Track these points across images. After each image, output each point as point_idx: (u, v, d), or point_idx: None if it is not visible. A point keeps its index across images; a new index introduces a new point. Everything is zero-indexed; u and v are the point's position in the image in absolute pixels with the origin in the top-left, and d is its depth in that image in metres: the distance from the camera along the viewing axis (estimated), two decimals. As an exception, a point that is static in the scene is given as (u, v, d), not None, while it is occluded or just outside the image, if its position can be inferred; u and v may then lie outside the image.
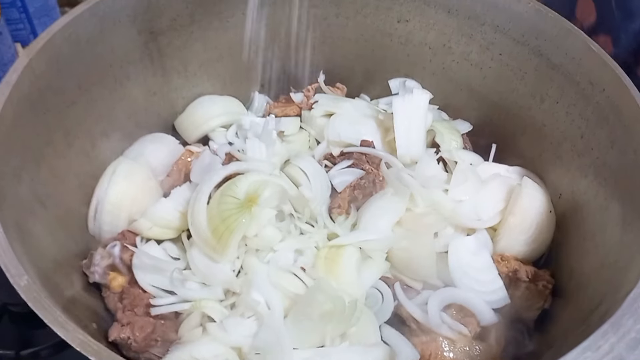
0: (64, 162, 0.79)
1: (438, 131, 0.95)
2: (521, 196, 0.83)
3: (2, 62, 1.21)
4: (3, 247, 0.54)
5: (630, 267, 0.59)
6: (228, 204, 0.76)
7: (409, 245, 0.80)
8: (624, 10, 0.88)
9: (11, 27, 1.28)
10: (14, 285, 0.52)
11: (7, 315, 0.97)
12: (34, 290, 0.52)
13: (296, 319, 0.70)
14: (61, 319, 0.51)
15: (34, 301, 0.51)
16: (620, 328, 0.50)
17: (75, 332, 0.50)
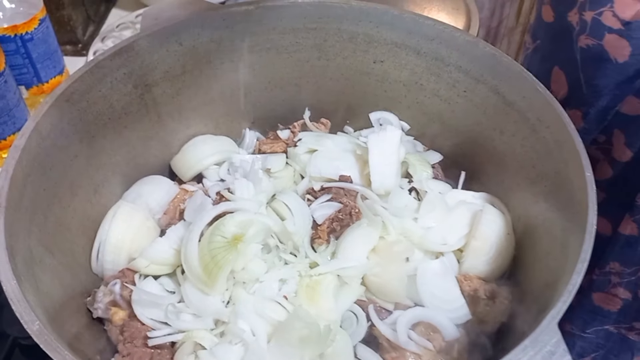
0: (69, 211, 0.89)
1: (411, 163, 1.03)
2: (481, 222, 0.91)
3: (7, 107, 1.32)
4: (17, 298, 0.63)
5: (558, 288, 0.67)
6: (217, 242, 0.85)
7: (382, 271, 0.89)
8: (592, 88, 0.94)
9: (15, 72, 1.38)
10: (27, 330, 0.61)
11: (18, 348, 1.07)
12: (45, 334, 0.61)
13: (278, 344, 0.79)
14: (69, 358, 0.60)
15: (45, 343, 0.60)
16: (538, 343, 0.58)
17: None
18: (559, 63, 1.03)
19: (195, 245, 0.86)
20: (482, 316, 0.86)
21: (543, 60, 1.10)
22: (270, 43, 1.11)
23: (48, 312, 0.70)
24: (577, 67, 0.95)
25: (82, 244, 0.92)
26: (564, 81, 1.01)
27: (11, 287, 0.64)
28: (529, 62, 1.21)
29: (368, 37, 1.10)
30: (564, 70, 1.01)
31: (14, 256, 0.68)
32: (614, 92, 0.90)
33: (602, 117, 0.94)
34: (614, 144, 0.92)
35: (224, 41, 1.07)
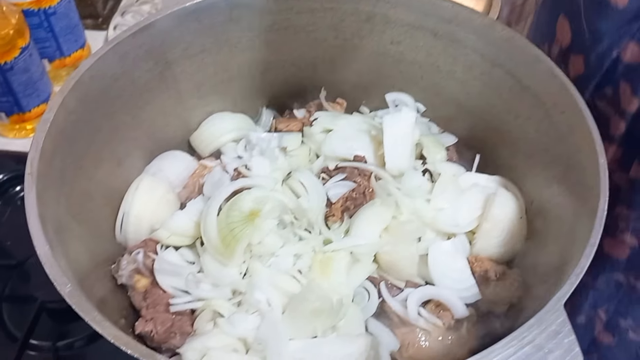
0: (94, 182, 0.92)
1: (425, 145, 1.05)
2: (494, 204, 0.93)
3: (32, 80, 1.36)
4: (50, 263, 0.67)
5: (567, 270, 0.69)
6: (234, 217, 0.88)
7: (394, 249, 0.91)
8: (594, 32, 0.95)
9: (39, 46, 1.41)
10: (60, 292, 0.65)
11: (45, 312, 1.12)
12: (76, 296, 0.65)
13: (291, 315, 0.82)
14: (98, 318, 0.64)
15: (77, 305, 0.64)
16: (543, 322, 0.61)
17: (110, 328, 0.63)
18: (563, 11, 1.04)
19: (214, 218, 0.89)
20: (492, 296, 0.89)
21: (550, 10, 1.11)
22: (287, 22, 1.12)
23: (77, 277, 0.74)
24: (580, 14, 0.96)
25: (106, 214, 0.96)
26: (568, 29, 1.02)
27: (44, 252, 0.68)
28: (539, 15, 1.21)
29: (385, 18, 1.10)
30: (568, 17, 1.02)
31: (45, 223, 0.72)
32: (614, 36, 0.91)
33: (602, 62, 0.95)
34: (622, 95, 0.93)
35: (242, 20, 1.08)
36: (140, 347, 0.61)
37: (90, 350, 1.11)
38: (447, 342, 0.85)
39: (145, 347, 0.61)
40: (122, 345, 0.61)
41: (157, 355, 0.60)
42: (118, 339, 0.61)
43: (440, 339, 0.85)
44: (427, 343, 0.85)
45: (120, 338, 0.61)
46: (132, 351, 0.60)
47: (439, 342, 0.85)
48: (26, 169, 0.74)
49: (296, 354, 0.79)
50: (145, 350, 0.60)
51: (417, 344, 0.84)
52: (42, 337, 1.11)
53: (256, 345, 0.81)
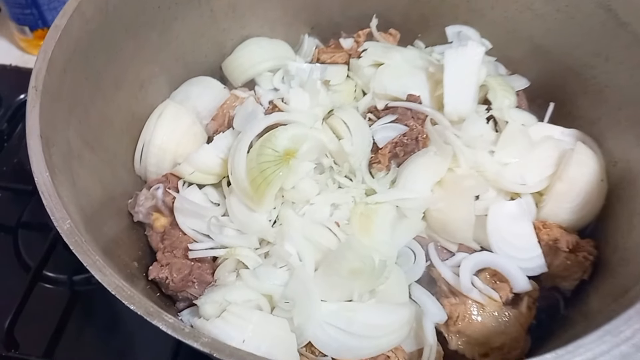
0: (113, 105, 0.82)
1: (491, 87, 0.90)
2: (571, 162, 0.79)
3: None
4: (49, 192, 0.57)
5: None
6: (267, 155, 0.77)
7: (447, 207, 0.79)
8: None
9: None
10: (57, 228, 0.56)
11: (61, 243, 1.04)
12: (75, 234, 0.55)
13: (325, 273, 0.72)
14: (99, 263, 0.54)
15: (75, 245, 0.55)
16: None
17: (111, 276, 0.53)
18: None
19: (244, 156, 0.78)
20: (560, 270, 0.76)
21: None
22: None
23: (84, 211, 0.65)
24: None
25: (125, 142, 0.86)
26: None
27: (43, 179, 0.58)
28: None
29: None
30: None
31: (50, 147, 0.62)
32: None
33: None
34: None
35: None
36: (146, 303, 0.51)
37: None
38: (503, 318, 0.73)
39: (151, 303, 0.51)
40: (125, 299, 0.51)
41: (164, 314, 0.50)
42: (120, 292, 0.52)
43: (496, 314, 0.74)
44: (479, 318, 0.74)
45: (123, 290, 0.52)
46: (136, 307, 0.50)
47: (494, 317, 0.73)
48: (30, 82, 0.63)
49: (328, 317, 0.69)
50: (152, 307, 0.51)
51: (468, 318, 0.73)
52: (57, 269, 1.04)
53: (283, 304, 0.72)
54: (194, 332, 0.49)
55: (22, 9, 1.24)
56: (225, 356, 0.47)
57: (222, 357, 0.47)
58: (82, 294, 1.03)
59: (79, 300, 1.02)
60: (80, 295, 1.03)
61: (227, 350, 0.48)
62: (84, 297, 1.03)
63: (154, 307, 0.50)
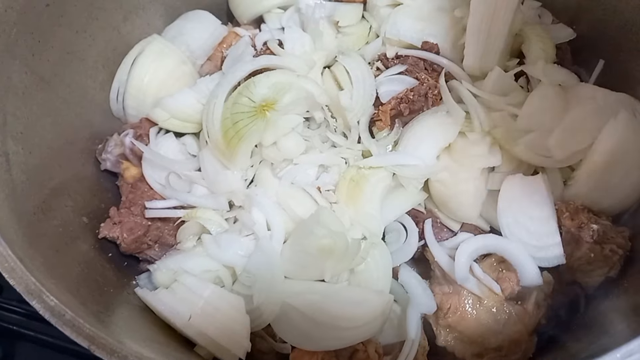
0: (83, 37, 0.72)
1: (526, 37, 0.75)
2: (613, 132, 0.64)
3: None
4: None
5: None
6: (242, 105, 0.66)
7: (451, 179, 0.67)
8: None
9: None
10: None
11: None
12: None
13: (293, 249, 0.62)
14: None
15: None
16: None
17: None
18: None
19: (220, 104, 0.68)
20: (582, 264, 0.63)
21: None
22: None
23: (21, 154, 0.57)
24: None
25: (100, 79, 0.76)
26: None
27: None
28: None
29: None
30: None
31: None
32: None
33: None
34: None
35: None
36: (28, 279, 0.42)
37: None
38: (503, 315, 0.62)
39: (34, 280, 0.43)
40: (5, 271, 0.42)
41: (45, 295, 0.41)
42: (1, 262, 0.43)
43: (494, 310, 0.62)
44: (474, 312, 0.62)
45: (5, 260, 0.43)
46: (15, 282, 0.42)
47: (492, 313, 0.62)
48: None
49: (291, 299, 0.60)
50: (34, 284, 0.42)
51: (461, 311, 0.62)
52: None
53: (244, 278, 0.63)
54: (75, 321, 0.41)
55: None
56: (105, 354, 0.38)
57: (102, 355, 0.39)
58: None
59: None
60: None
61: (107, 347, 0.39)
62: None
63: (36, 285, 0.42)
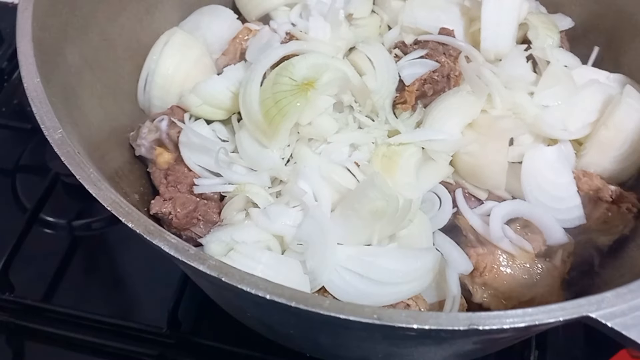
0: (115, 26, 0.75)
1: (532, 25, 0.82)
2: (619, 107, 0.71)
3: None
4: (39, 98, 0.51)
5: None
6: (283, 85, 0.70)
7: (479, 150, 0.72)
8: None
9: None
10: (47, 137, 0.49)
11: (61, 185, 0.98)
12: (68, 145, 0.49)
13: (344, 213, 0.65)
14: (94, 177, 0.47)
15: (67, 156, 0.48)
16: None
17: (107, 191, 0.47)
18: None
19: (257, 86, 0.71)
20: (600, 223, 0.69)
21: None
22: None
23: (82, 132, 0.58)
24: None
25: (128, 69, 0.79)
26: None
27: (33, 84, 0.51)
28: None
29: None
30: None
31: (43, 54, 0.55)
32: None
33: None
34: None
35: None
36: (146, 221, 0.44)
37: (111, 233, 0.98)
38: (535, 271, 0.67)
39: (151, 221, 0.45)
40: (122, 216, 0.44)
41: (166, 234, 0.43)
42: (116, 207, 0.45)
43: (527, 265, 0.67)
44: (508, 269, 0.67)
45: (119, 206, 0.45)
46: (134, 225, 0.44)
47: (525, 269, 0.67)
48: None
49: (345, 262, 0.63)
50: (152, 226, 0.44)
51: (496, 269, 0.67)
52: (56, 214, 0.99)
53: (295, 246, 0.65)
54: (200, 254, 0.43)
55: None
56: (235, 281, 0.41)
57: (231, 281, 0.41)
58: (82, 239, 0.98)
59: (80, 246, 0.97)
60: (80, 240, 0.98)
61: (237, 274, 0.41)
62: (85, 243, 0.98)
63: (154, 226, 0.44)
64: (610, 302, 0.42)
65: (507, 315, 0.41)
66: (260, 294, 0.42)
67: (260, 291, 0.42)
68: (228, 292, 0.45)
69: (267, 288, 0.42)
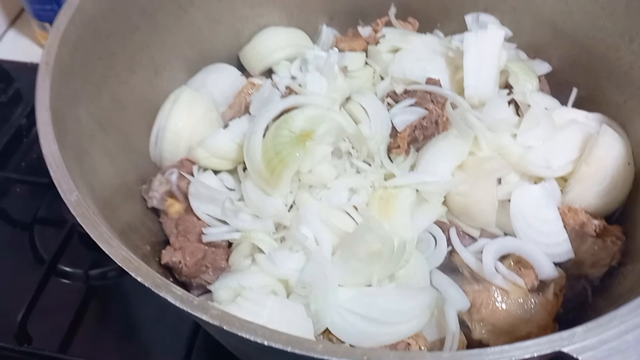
0: (126, 88, 0.81)
1: (512, 71, 0.88)
2: (598, 144, 0.76)
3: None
4: (57, 164, 0.56)
5: None
6: (283, 137, 0.75)
7: (469, 190, 0.76)
8: None
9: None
10: (64, 200, 0.54)
11: (77, 235, 1.03)
12: (82, 206, 0.54)
13: (343, 256, 0.70)
14: (106, 235, 0.52)
15: (82, 217, 0.53)
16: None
17: (118, 247, 0.52)
18: None
19: (260, 138, 0.76)
20: (588, 256, 0.73)
21: None
22: None
23: (95, 190, 0.63)
24: None
25: (139, 126, 0.84)
26: None
27: (51, 151, 0.56)
28: None
29: None
30: None
31: (59, 121, 0.61)
32: None
33: None
34: None
35: None
36: (153, 275, 0.49)
37: (124, 282, 1.01)
38: (530, 305, 0.70)
39: (158, 275, 0.49)
40: (132, 271, 0.49)
41: (172, 286, 0.48)
42: (127, 263, 0.50)
43: (521, 301, 0.70)
44: (503, 305, 0.70)
45: (130, 262, 0.50)
46: (143, 279, 0.48)
47: (519, 304, 0.70)
48: (41, 57, 0.62)
49: (346, 303, 0.67)
50: (159, 279, 0.48)
51: (492, 305, 0.70)
52: (73, 264, 1.02)
53: (299, 289, 0.69)
54: (204, 305, 0.47)
55: (42, 5, 1.25)
56: (235, 329, 0.45)
57: (232, 329, 0.45)
58: (98, 289, 1.01)
59: (95, 295, 1.00)
60: (96, 290, 1.01)
61: (237, 322, 0.46)
62: (100, 292, 1.01)
63: (161, 279, 0.48)
64: (581, 336, 0.45)
65: (486, 352, 0.45)
66: (259, 340, 0.45)
67: (258, 337, 0.46)
68: (232, 338, 0.49)
69: (265, 334, 0.46)
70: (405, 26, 1.02)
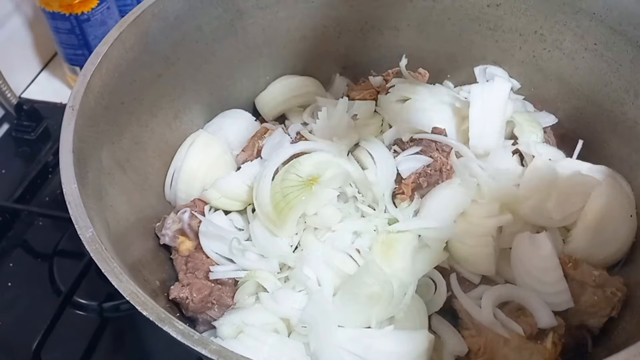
0: (146, 130, 0.85)
1: (517, 122, 0.91)
2: (601, 196, 0.78)
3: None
4: (75, 202, 0.60)
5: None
6: (290, 181, 0.79)
7: (470, 238, 0.78)
8: None
9: (119, 3, 1.38)
10: (80, 236, 0.58)
11: (94, 268, 1.06)
12: (96, 242, 0.57)
13: (344, 298, 0.72)
14: (117, 270, 0.56)
15: (95, 252, 0.57)
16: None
17: (127, 282, 0.55)
18: None
19: (269, 182, 0.80)
20: (587, 306, 0.74)
21: None
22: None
23: (110, 226, 0.67)
24: None
25: (157, 167, 0.89)
26: None
27: (70, 190, 0.61)
28: None
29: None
30: None
31: (81, 162, 0.65)
32: None
33: None
34: None
35: (323, -28, 0.99)
36: (158, 310, 0.52)
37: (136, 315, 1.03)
38: (527, 353, 0.70)
39: (163, 310, 0.52)
40: (138, 305, 0.52)
41: (175, 321, 0.50)
42: (134, 297, 0.53)
43: (519, 348, 0.71)
44: (501, 352, 0.71)
45: (137, 296, 0.53)
46: (148, 313, 0.51)
47: (517, 352, 0.71)
48: (68, 102, 0.68)
49: (345, 344, 0.68)
50: (163, 314, 0.51)
51: (490, 352, 0.71)
52: (88, 296, 1.06)
53: (300, 328, 0.71)
54: (203, 339, 0.50)
55: (74, 50, 1.33)
56: None
57: None
58: (110, 320, 1.04)
59: (108, 326, 1.03)
60: (109, 321, 1.04)
61: (233, 358, 0.48)
62: (113, 323, 1.04)
63: (165, 314, 0.51)
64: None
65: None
66: (255, 376, 0.48)
67: (254, 373, 0.48)
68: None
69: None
70: (415, 77, 1.06)
